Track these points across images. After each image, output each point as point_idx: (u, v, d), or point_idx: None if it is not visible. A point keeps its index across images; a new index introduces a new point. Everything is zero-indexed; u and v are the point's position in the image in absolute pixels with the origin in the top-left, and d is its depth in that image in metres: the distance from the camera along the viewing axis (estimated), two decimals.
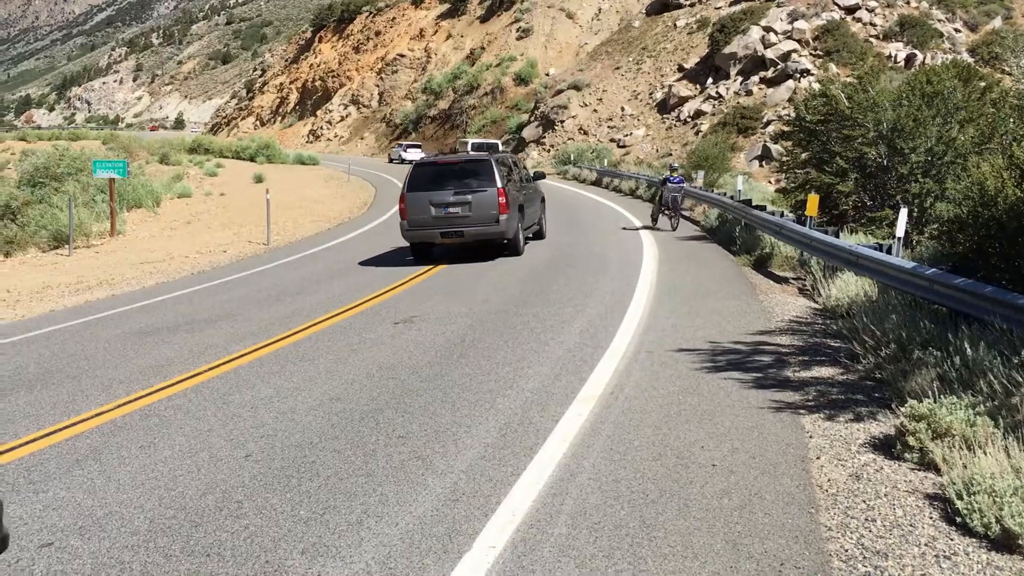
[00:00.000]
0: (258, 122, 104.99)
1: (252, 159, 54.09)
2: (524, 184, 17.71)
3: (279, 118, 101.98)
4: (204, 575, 4.21)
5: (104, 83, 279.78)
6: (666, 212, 20.77)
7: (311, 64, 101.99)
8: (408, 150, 65.22)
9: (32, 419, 7.19)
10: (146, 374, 8.57)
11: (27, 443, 6.52)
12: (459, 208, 15.66)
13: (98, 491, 5.39)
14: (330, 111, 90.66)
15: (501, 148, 59.28)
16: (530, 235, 18.06)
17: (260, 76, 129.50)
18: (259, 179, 40.04)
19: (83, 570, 4.33)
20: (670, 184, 20.72)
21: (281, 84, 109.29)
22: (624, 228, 21.08)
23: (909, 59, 41.29)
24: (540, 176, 19.86)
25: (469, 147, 61.17)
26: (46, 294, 15.25)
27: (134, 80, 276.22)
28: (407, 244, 16.59)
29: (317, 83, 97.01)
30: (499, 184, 15.56)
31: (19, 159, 40.36)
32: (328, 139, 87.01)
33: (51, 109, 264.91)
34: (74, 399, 7.78)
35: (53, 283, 16.38)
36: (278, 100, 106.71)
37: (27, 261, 20.34)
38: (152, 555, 4.45)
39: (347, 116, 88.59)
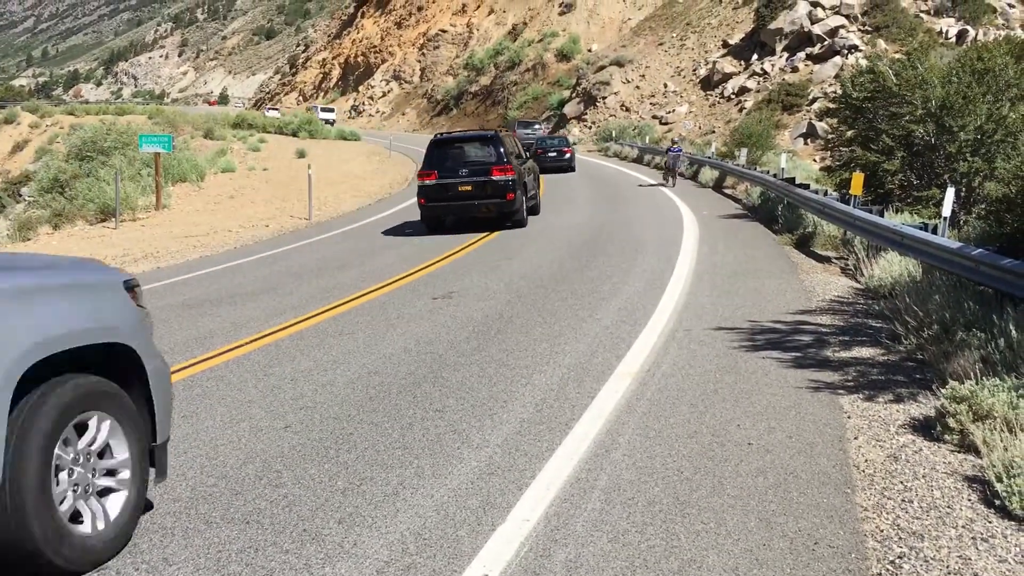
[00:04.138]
0: (301, 97, 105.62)
1: (295, 134, 54.43)
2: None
3: (322, 94, 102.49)
4: (244, 541, 4.29)
5: (150, 58, 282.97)
6: (670, 173, 26.97)
7: (353, 39, 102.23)
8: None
9: None
10: (189, 345, 8.72)
11: None
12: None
13: None
14: (372, 87, 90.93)
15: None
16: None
17: (303, 51, 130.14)
18: (302, 154, 40.33)
19: None
20: (670, 152, 27.43)
21: (324, 59, 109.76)
22: (659, 203, 20.95)
23: (961, 35, 40.38)
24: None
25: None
26: None
27: (179, 55, 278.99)
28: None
29: (359, 59, 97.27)
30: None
31: (67, 133, 41.07)
32: (370, 115, 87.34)
33: (98, 84, 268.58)
34: None
35: (100, 255, 16.69)
36: (321, 75, 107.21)
37: (75, 233, 20.75)
38: (193, 521, 4.55)
39: (389, 92, 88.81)
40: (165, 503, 4.80)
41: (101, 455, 4.16)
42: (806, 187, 16.51)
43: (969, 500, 4.63)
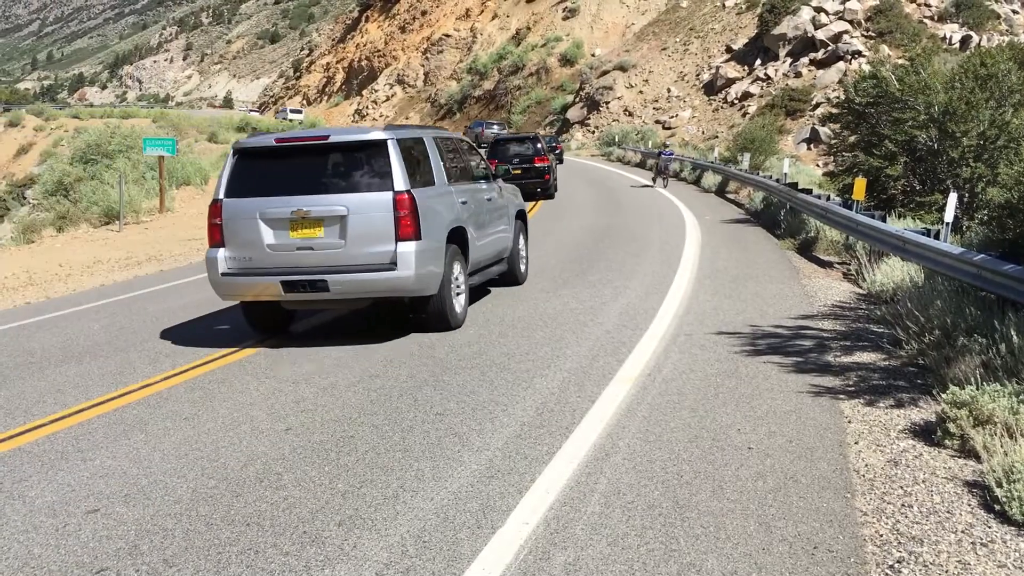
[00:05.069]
0: (305, 101, 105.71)
1: None
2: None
3: (325, 97, 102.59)
4: (244, 543, 4.30)
5: (155, 62, 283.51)
6: (661, 175, 28.58)
7: (357, 43, 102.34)
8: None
9: (81, 390, 7.38)
10: (194, 347, 8.73)
11: (76, 413, 6.70)
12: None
13: (143, 460, 5.53)
14: (376, 91, 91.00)
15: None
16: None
17: (307, 55, 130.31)
18: None
19: (127, 536, 4.45)
20: (662, 156, 29.31)
21: (328, 63, 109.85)
22: (667, 213, 20.96)
23: (964, 40, 40.37)
24: None
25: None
26: (96, 268, 15.59)
27: (184, 59, 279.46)
28: None
29: (363, 63, 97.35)
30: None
31: (72, 136, 41.13)
32: (374, 119, 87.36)
33: (103, 87, 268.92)
34: (122, 371, 7.96)
35: (103, 258, 16.73)
36: (325, 79, 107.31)
37: (79, 236, 20.79)
38: (194, 523, 4.56)
39: (392, 96, 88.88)
40: (166, 504, 4.81)
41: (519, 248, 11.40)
42: (809, 192, 16.51)
43: (969, 505, 4.63)
